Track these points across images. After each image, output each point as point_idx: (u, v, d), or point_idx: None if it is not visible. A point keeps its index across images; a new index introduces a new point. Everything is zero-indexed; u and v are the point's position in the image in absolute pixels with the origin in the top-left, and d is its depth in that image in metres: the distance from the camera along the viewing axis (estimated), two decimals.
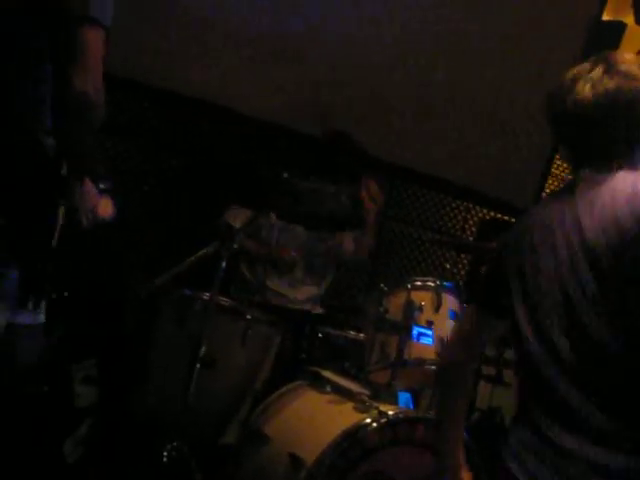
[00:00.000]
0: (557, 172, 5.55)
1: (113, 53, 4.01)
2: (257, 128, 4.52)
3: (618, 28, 5.14)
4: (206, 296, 3.19)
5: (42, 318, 2.24)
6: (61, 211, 2.25)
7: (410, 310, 3.20)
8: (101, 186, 2.85)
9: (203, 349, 3.02)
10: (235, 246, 3.09)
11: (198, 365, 3.02)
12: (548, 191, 5.47)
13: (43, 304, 2.23)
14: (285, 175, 3.16)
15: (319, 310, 4.00)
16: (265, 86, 4.48)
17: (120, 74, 4.16)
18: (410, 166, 4.99)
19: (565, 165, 5.30)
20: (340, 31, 4.62)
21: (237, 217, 3.78)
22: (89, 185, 2.38)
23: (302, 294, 4.01)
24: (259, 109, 4.48)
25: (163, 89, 4.32)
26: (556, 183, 5.48)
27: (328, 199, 3.27)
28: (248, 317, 3.31)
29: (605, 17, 5.25)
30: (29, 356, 2.42)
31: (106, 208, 2.74)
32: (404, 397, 3.37)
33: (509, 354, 4.26)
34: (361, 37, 4.66)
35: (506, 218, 5.36)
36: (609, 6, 5.25)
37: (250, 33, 4.43)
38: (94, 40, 2.19)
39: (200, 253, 3.13)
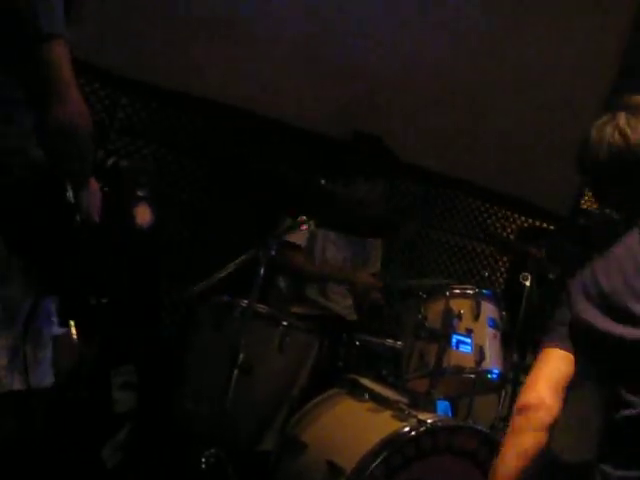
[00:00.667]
0: None
1: (136, 59, 4.13)
2: (291, 135, 4.53)
3: None
4: (244, 303, 3.20)
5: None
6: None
7: (449, 318, 3.18)
8: (139, 193, 2.86)
9: (241, 356, 3.02)
10: (273, 254, 3.08)
11: (236, 371, 3.02)
12: (586, 198, 5.42)
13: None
14: (322, 181, 3.17)
15: (356, 317, 3.99)
16: (302, 93, 4.49)
17: (164, 86, 4.24)
18: (447, 173, 4.97)
19: None
20: (377, 35, 4.62)
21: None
22: (92, 185, 2.25)
23: (339, 302, 4.01)
24: (294, 116, 4.50)
25: (201, 98, 4.34)
26: None
27: (366, 204, 3.26)
28: (285, 324, 3.30)
29: None
30: (68, 363, 2.42)
31: (144, 215, 2.75)
32: (443, 405, 3.35)
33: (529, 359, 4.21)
34: (400, 40, 4.66)
35: (544, 225, 5.33)
36: None
37: (285, 37, 4.44)
38: (58, 58, 1.93)
39: (238, 260, 3.14)
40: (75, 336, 2.08)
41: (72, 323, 2.09)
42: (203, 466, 2.95)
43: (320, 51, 4.50)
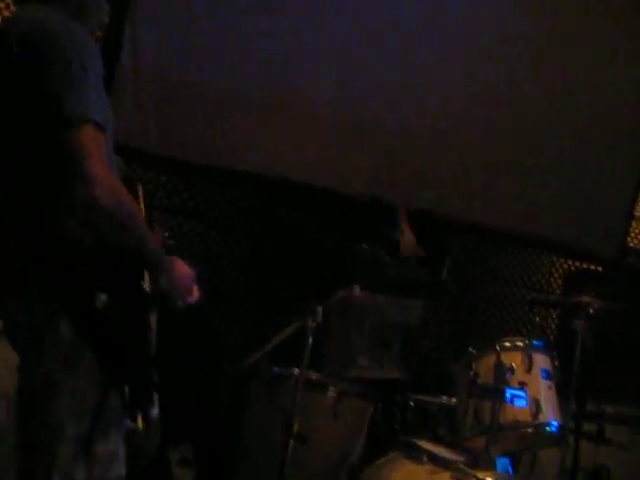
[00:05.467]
0: None
1: (183, 140, 4.23)
2: (333, 202, 4.58)
3: None
4: (296, 372, 3.20)
5: (156, 411, 2.20)
6: (153, 318, 2.14)
7: (501, 372, 3.15)
8: None
9: (296, 426, 3.02)
10: (320, 322, 3.10)
11: (292, 442, 3.01)
12: (632, 235, 5.36)
13: (156, 399, 2.18)
14: (365, 246, 3.20)
15: (408, 378, 3.96)
16: (341, 159, 4.56)
17: (197, 160, 4.34)
18: (488, 223, 4.97)
19: None
20: (411, 98, 4.68)
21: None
22: (176, 267, 2.22)
23: (391, 366, 3.99)
24: (335, 183, 4.56)
25: (241, 172, 4.43)
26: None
27: (409, 266, 3.27)
28: (338, 390, 3.30)
29: None
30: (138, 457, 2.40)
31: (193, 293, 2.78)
32: (502, 462, 3.30)
33: (610, 409, 4.13)
34: (431, 103, 4.72)
35: (592, 267, 5.27)
36: None
37: (322, 109, 4.53)
38: (84, 142, 1.95)
39: (287, 330, 3.16)
40: (142, 428, 2.07)
41: (139, 416, 2.08)
42: None
43: (353, 124, 4.58)
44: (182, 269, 2.24)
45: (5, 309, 2.08)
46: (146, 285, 2.11)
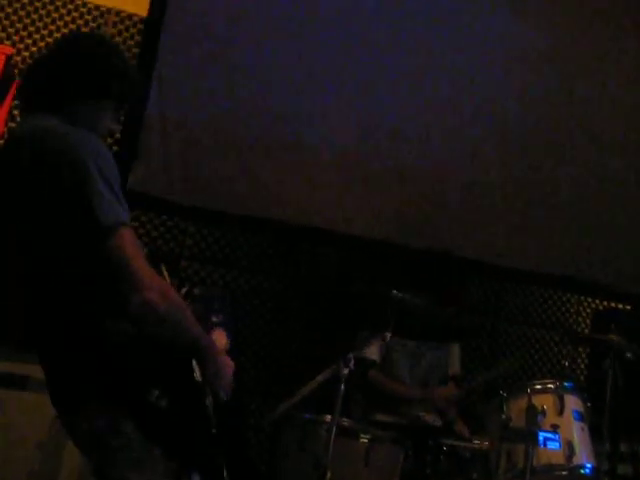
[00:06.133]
0: None
1: (200, 188, 4.28)
2: (359, 247, 4.62)
3: None
4: (328, 419, 3.21)
5: None
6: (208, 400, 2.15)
7: (533, 415, 3.15)
8: (214, 319, 2.95)
9: (329, 474, 3.02)
10: (353, 369, 3.11)
11: None
12: None
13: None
14: (395, 292, 3.22)
15: (440, 423, 3.95)
16: (370, 206, 4.60)
17: (226, 210, 4.39)
18: (515, 266, 4.97)
19: None
20: (440, 147, 4.74)
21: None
22: (220, 360, 2.20)
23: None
24: (360, 228, 4.61)
25: (264, 219, 4.49)
26: None
27: (437, 311, 3.29)
28: (369, 437, 3.30)
29: None
30: None
31: (220, 341, 2.82)
32: None
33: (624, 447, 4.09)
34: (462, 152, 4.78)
35: (620, 306, 5.24)
36: None
37: (350, 155, 4.59)
38: (123, 247, 1.96)
39: (320, 377, 3.17)
40: None
41: None
42: None
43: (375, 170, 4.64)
44: (226, 361, 2.24)
45: (70, 425, 2.10)
46: (197, 375, 2.14)
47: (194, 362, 2.13)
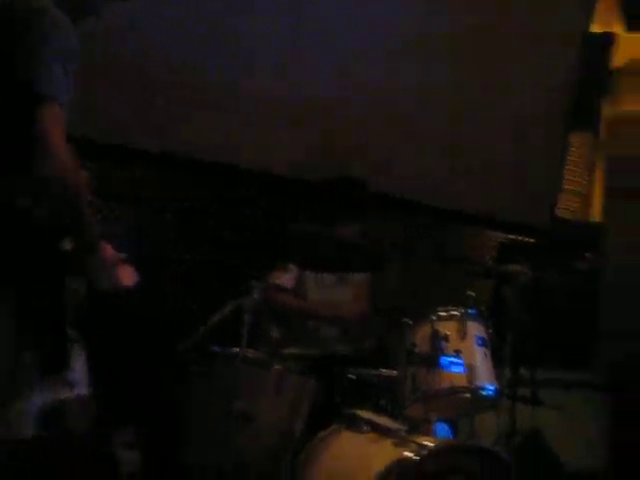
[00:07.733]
0: (569, 188, 5.59)
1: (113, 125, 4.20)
2: (270, 181, 4.62)
3: (608, 39, 5.25)
4: (235, 350, 3.24)
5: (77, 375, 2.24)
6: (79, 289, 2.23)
7: (437, 341, 3.23)
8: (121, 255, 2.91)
9: (238, 404, 3.05)
10: (257, 299, 3.14)
11: (235, 420, 3.05)
12: (562, 207, 5.51)
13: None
14: (303, 224, 3.25)
15: (347, 351, 4.03)
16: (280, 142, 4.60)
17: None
18: (425, 201, 5.07)
19: (575, 179, 5.38)
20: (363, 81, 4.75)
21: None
22: (103, 252, 2.32)
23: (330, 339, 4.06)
24: (273, 164, 4.60)
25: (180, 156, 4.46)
26: (568, 199, 5.52)
27: (347, 243, 3.32)
28: (278, 367, 3.34)
29: (595, 29, 5.36)
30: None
31: (128, 276, 2.79)
32: (442, 428, 3.38)
33: (541, 374, 4.26)
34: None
35: (524, 239, 5.40)
36: (597, 19, 5.36)
37: (262, 92, 4.58)
38: (47, 119, 2.08)
39: (224, 309, 3.19)
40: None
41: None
42: None
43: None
44: (108, 252, 2.31)
45: None
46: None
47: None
